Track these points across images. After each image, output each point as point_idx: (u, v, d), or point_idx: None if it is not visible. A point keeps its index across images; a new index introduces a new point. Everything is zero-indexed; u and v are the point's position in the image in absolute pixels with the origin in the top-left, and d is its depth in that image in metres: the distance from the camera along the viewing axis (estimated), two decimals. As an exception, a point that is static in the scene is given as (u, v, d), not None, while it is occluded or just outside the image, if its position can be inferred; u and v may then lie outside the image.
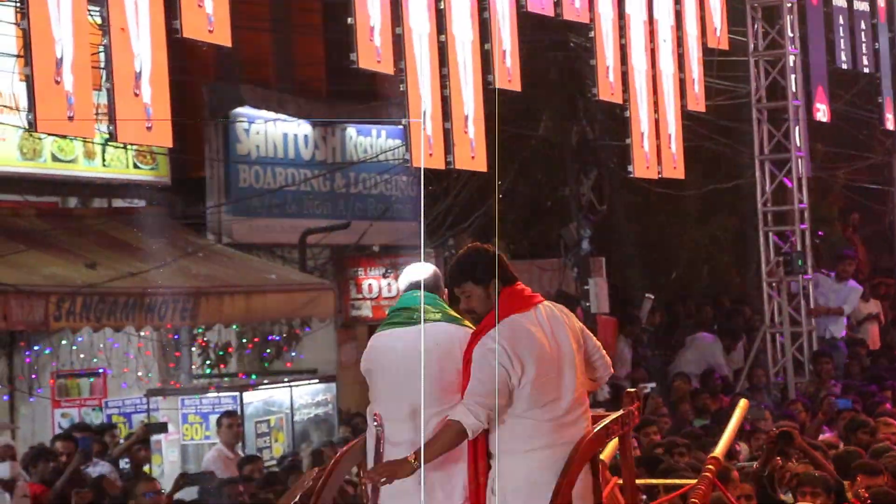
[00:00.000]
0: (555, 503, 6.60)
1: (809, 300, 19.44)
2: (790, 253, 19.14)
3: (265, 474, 13.15)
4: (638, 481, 7.91)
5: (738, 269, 23.90)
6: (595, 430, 6.89)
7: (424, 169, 18.30)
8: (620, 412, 7.09)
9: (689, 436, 13.14)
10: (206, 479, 13.08)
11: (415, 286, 7.23)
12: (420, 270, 7.32)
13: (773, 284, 19.44)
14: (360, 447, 7.31)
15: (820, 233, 20.87)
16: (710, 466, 7.88)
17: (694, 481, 7.95)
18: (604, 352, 7.18)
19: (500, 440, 6.87)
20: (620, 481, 7.45)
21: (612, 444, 7.35)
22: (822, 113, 20.64)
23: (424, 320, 7.13)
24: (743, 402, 8.77)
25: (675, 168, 18.29)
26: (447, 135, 15.01)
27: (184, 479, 13.28)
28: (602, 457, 7.22)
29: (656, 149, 17.74)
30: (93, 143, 15.39)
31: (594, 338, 7.18)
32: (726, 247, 23.91)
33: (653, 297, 21.17)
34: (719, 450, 8.06)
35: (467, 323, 7.11)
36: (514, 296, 7.00)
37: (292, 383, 16.86)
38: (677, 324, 21.92)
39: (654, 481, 9.04)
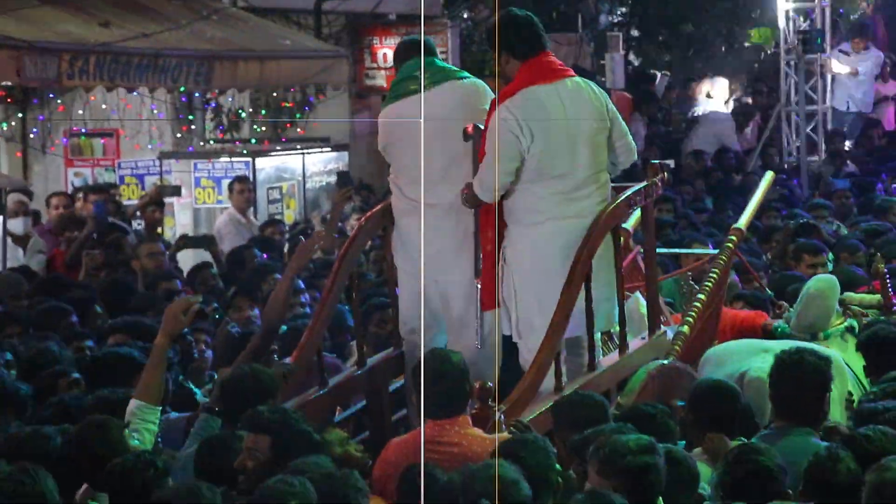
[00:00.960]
0: (575, 271, 6.62)
1: (827, 79, 19.25)
2: (809, 30, 18.85)
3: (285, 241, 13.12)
4: (660, 251, 7.97)
5: (755, 47, 23.64)
6: (617, 201, 6.88)
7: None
8: (644, 183, 7.08)
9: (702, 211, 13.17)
10: (206, 241, 13.14)
11: (413, 54, 7.18)
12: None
13: (791, 63, 19.21)
14: (382, 214, 7.35)
15: (840, 10, 20.49)
16: (733, 237, 7.91)
17: (715, 252, 7.99)
18: (630, 139, 7.10)
19: (509, 210, 6.94)
20: (642, 249, 7.50)
21: (636, 215, 7.38)
22: None
23: (447, 80, 7.13)
24: (769, 175, 8.74)
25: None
26: None
27: (183, 241, 13.34)
28: (627, 226, 7.25)
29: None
30: None
31: (623, 124, 7.10)
32: (745, 22, 23.60)
33: (669, 74, 20.99)
34: (742, 221, 8.08)
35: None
36: (535, 66, 6.93)
37: (305, 150, 16.84)
38: (693, 101, 21.77)
39: (675, 251, 9.07)
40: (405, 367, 7.25)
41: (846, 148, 19.13)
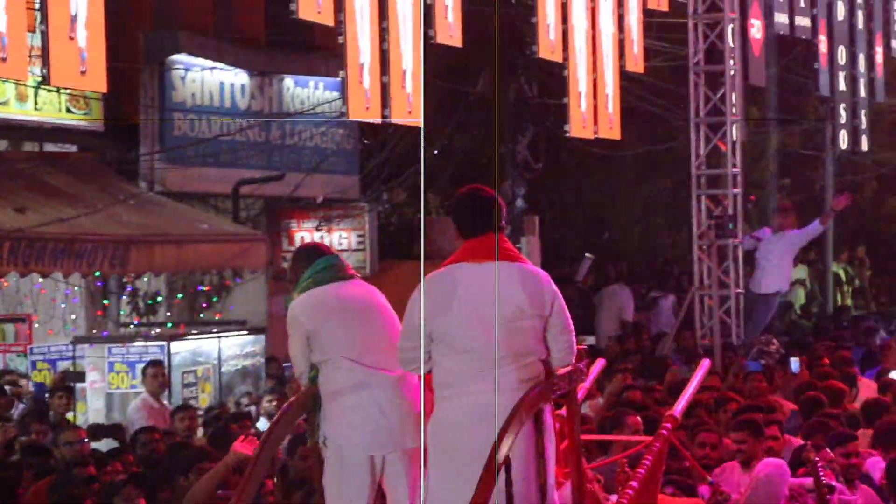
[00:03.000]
0: (494, 455, 6.56)
1: (739, 264, 19.41)
2: (722, 216, 19.12)
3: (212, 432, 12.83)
4: (592, 437, 7.93)
5: (669, 232, 24.00)
6: (541, 386, 6.85)
7: (361, 123, 18.20)
8: (568, 368, 7.06)
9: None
10: (115, 430, 12.97)
11: (318, 254, 7.60)
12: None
13: (704, 247, 19.44)
14: (309, 398, 7.32)
15: (752, 197, 20.84)
16: (668, 424, 7.89)
17: (650, 438, 7.95)
18: (571, 338, 7.07)
19: (433, 382, 7.07)
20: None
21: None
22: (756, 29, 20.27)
23: (349, 278, 7.44)
24: (706, 363, 8.78)
25: (611, 128, 18.27)
26: (384, 89, 14.91)
27: (93, 430, 13.14)
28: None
29: (593, 108, 17.71)
30: (25, 85, 15.13)
31: (566, 321, 7.07)
32: (659, 209, 23.99)
33: (593, 257, 21.14)
34: (678, 408, 8.07)
35: None
36: (473, 245, 7.04)
37: (221, 334, 16.76)
38: (607, 283, 21.99)
39: (609, 437, 9.00)
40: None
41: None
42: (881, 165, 25.89)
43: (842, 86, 22.33)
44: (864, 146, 22.93)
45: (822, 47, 21.77)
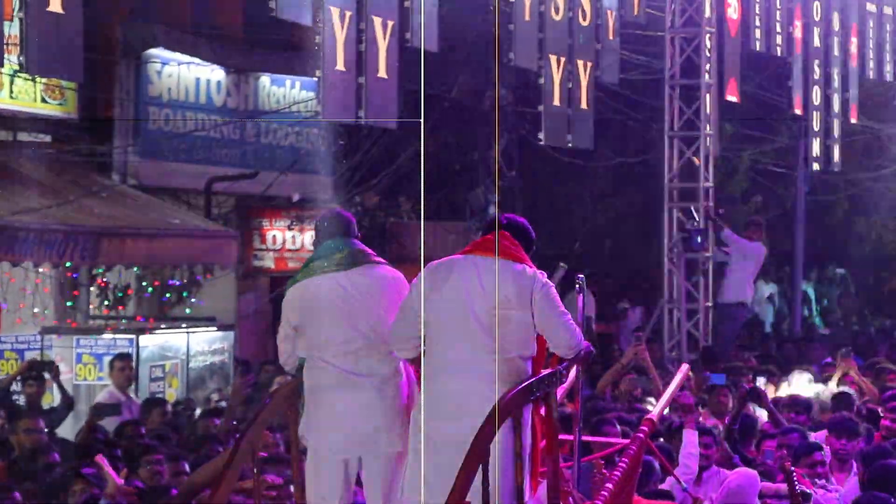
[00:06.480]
0: (472, 455, 6.56)
1: (708, 277, 19.50)
2: (690, 229, 19.18)
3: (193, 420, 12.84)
4: (570, 437, 7.96)
5: (640, 244, 24.03)
6: (519, 388, 6.87)
7: (336, 123, 18.19)
8: (548, 371, 7.09)
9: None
10: (113, 409, 12.98)
11: (335, 232, 7.39)
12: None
13: (674, 260, 19.51)
14: (290, 393, 7.33)
15: (720, 210, 20.84)
16: (644, 428, 7.92)
17: (626, 441, 7.99)
18: (559, 333, 7.07)
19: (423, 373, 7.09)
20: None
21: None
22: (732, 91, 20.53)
23: (350, 267, 7.27)
24: (685, 367, 8.84)
25: (585, 139, 18.30)
26: (360, 90, 14.88)
27: (99, 409, 13.10)
28: None
29: (567, 118, 17.72)
30: (1, 73, 15.05)
31: (558, 317, 7.08)
32: (631, 221, 24.02)
33: (566, 266, 21.10)
34: (655, 412, 8.12)
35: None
36: (474, 242, 7.25)
37: (190, 329, 16.72)
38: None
39: (588, 438, 9.00)
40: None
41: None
42: (852, 185, 26.04)
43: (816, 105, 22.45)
44: (837, 166, 23.06)
45: (797, 65, 21.86)
